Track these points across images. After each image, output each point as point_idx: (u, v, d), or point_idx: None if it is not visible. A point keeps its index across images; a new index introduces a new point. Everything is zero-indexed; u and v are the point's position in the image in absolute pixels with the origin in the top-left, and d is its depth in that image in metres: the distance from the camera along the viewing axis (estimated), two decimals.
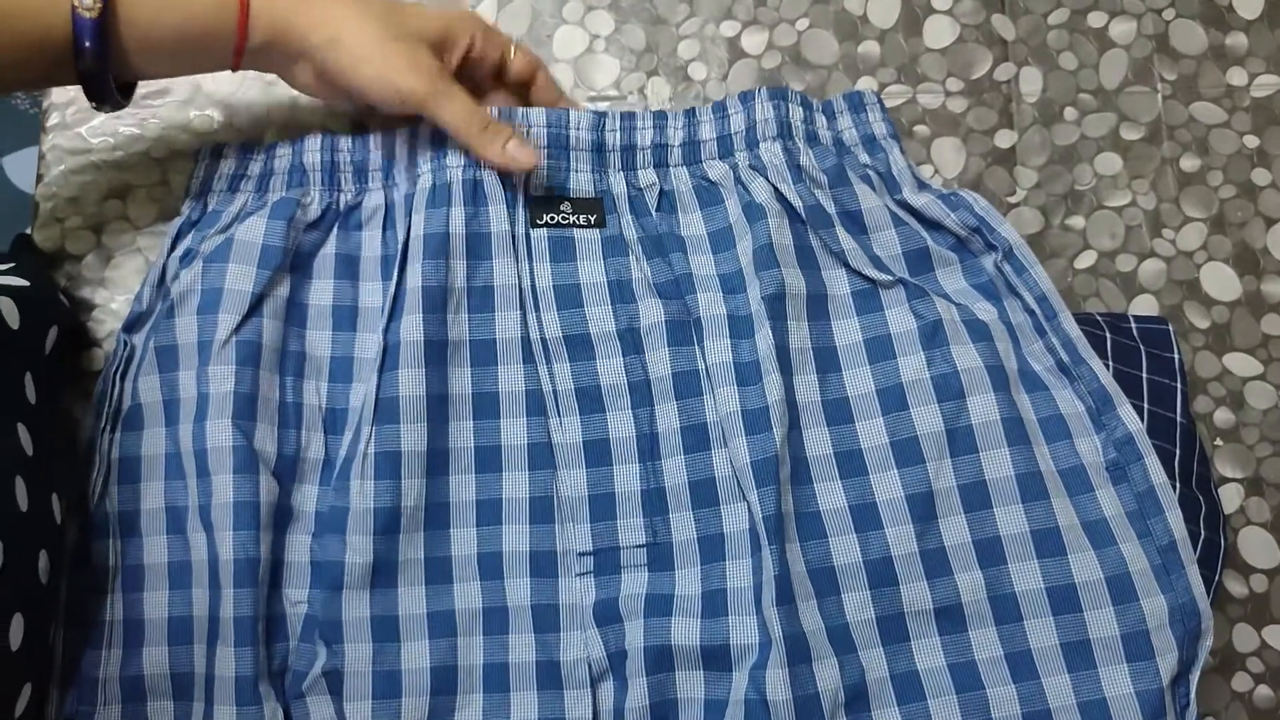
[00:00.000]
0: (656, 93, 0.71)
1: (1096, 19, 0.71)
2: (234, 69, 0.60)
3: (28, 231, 0.67)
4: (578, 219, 0.63)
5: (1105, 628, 0.55)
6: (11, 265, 0.61)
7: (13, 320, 0.56)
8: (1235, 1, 0.71)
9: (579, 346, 0.61)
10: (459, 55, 0.63)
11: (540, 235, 0.63)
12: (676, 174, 0.65)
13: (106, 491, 0.59)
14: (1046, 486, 0.56)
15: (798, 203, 0.61)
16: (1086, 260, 0.68)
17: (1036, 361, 0.60)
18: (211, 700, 0.55)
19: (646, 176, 0.64)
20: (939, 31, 0.71)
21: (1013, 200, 0.68)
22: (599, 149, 0.64)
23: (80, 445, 0.62)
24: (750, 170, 0.63)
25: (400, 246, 0.61)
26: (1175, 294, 0.67)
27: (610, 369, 0.61)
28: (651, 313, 0.61)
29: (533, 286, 0.62)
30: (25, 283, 0.59)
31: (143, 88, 0.69)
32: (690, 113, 0.65)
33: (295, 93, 0.69)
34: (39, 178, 0.69)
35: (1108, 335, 0.63)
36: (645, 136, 0.64)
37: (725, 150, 0.64)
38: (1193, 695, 0.55)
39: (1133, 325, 0.65)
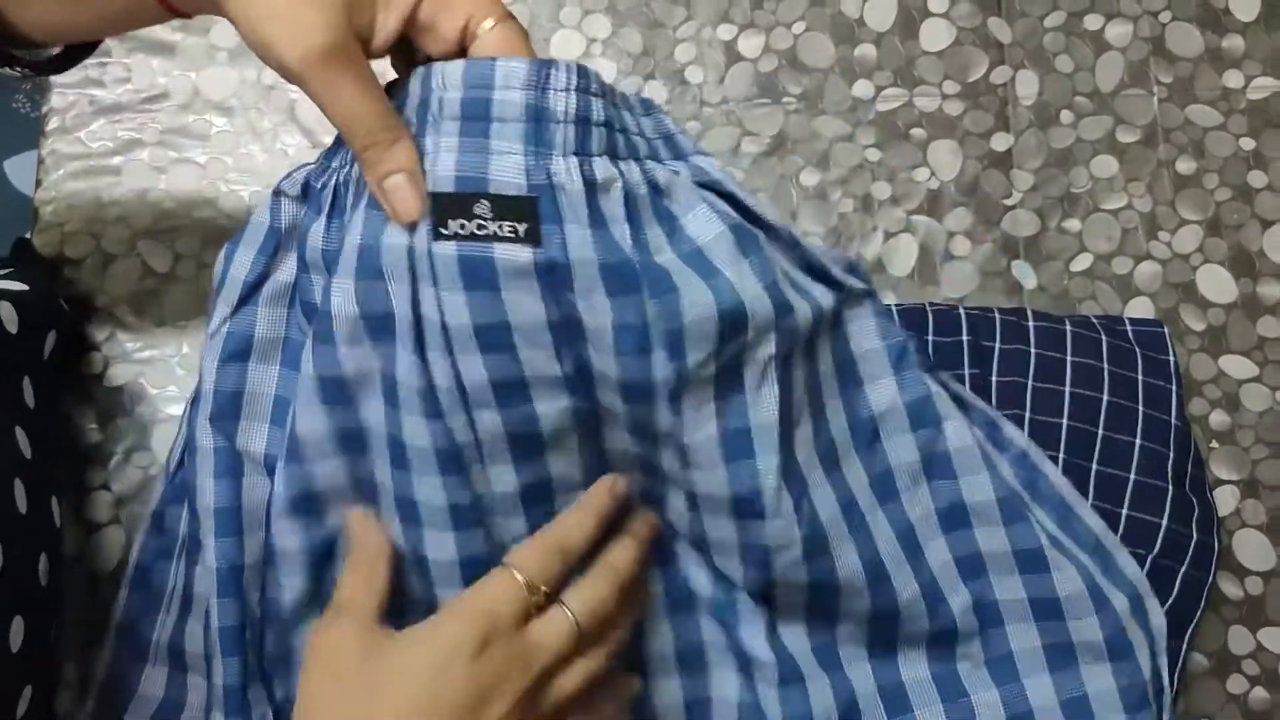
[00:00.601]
0: (653, 96, 0.71)
1: (1093, 22, 0.71)
2: (179, 13, 0.48)
3: (27, 236, 0.68)
4: (500, 228, 0.45)
5: (1089, 633, 0.55)
6: (10, 269, 0.61)
7: (11, 325, 0.56)
8: (1232, 4, 0.71)
9: (511, 391, 0.48)
10: (398, 19, 0.46)
11: (447, 252, 0.45)
12: (628, 170, 0.48)
13: (183, 461, 0.57)
14: (1021, 509, 0.56)
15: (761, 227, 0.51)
16: (1083, 263, 0.68)
17: (943, 389, 0.57)
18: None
19: (604, 167, 0.47)
20: (935, 34, 0.71)
21: (1009, 203, 0.69)
22: (538, 118, 0.46)
23: (80, 449, 0.62)
24: (700, 186, 0.50)
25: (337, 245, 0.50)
26: (1171, 296, 0.67)
27: (553, 412, 0.49)
28: (610, 368, 0.48)
29: (442, 324, 0.46)
30: (24, 287, 0.60)
31: (141, 92, 0.69)
32: (607, 90, 0.48)
33: (297, 96, 0.69)
34: (38, 182, 0.69)
35: (1103, 338, 0.63)
36: (598, 108, 0.47)
37: (653, 151, 0.50)
38: (1165, 679, 0.56)
39: (1128, 328, 0.65)
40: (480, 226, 0.45)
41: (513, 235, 0.45)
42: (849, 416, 0.55)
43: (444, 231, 0.45)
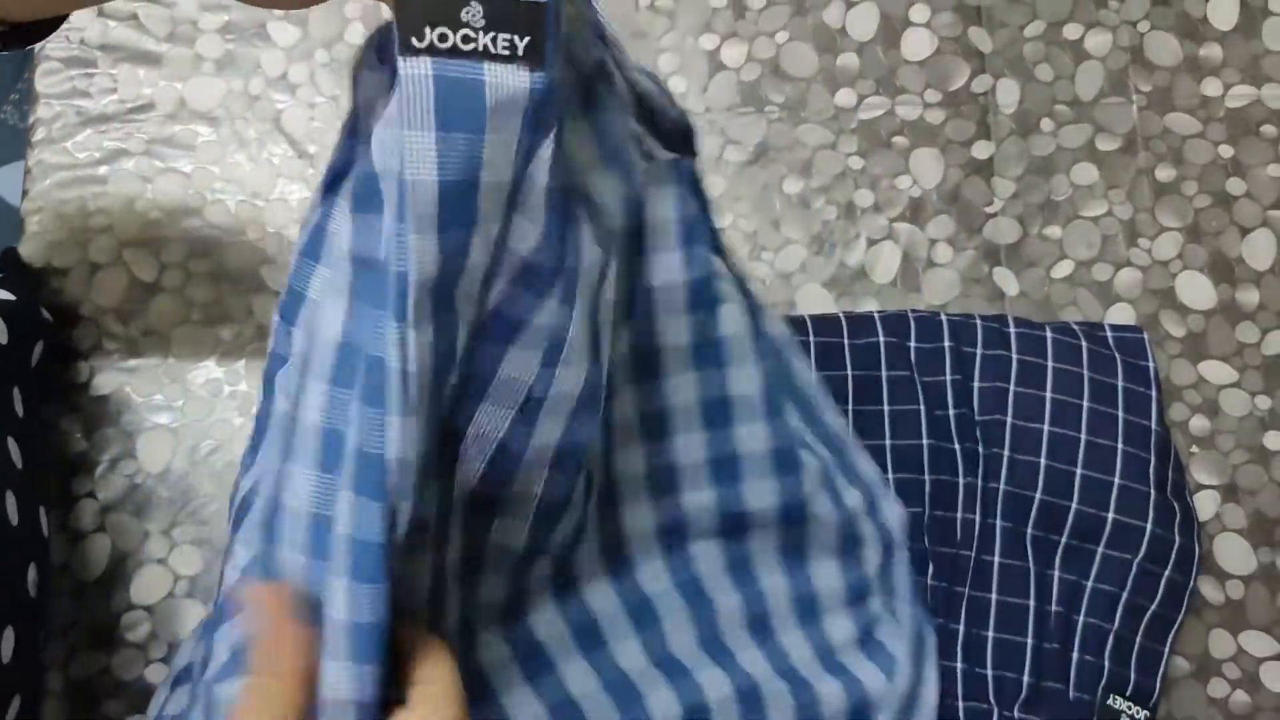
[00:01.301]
0: None
1: (1072, 31, 0.72)
2: None
3: (14, 246, 0.68)
4: (494, 42, 0.33)
5: (824, 531, 0.56)
6: None
7: (1, 335, 0.56)
8: (1210, 13, 0.72)
9: (442, 300, 0.36)
10: None
11: (418, 71, 0.32)
12: None
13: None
14: (781, 404, 0.54)
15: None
16: (1063, 270, 0.68)
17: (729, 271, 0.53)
18: None
19: None
20: (917, 44, 0.72)
21: (990, 210, 0.69)
22: None
23: (66, 457, 0.62)
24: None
25: None
26: (1151, 303, 0.68)
27: (465, 325, 0.38)
28: (526, 241, 0.38)
29: (400, 181, 0.34)
30: (11, 297, 0.60)
31: (127, 103, 0.69)
32: None
33: (283, 106, 0.70)
34: (25, 192, 0.69)
35: (1084, 344, 0.64)
36: None
37: None
38: (904, 579, 0.58)
39: (1109, 334, 0.65)
40: (466, 39, 0.33)
41: (508, 53, 0.33)
42: (626, 283, 0.48)
43: (416, 44, 0.32)
